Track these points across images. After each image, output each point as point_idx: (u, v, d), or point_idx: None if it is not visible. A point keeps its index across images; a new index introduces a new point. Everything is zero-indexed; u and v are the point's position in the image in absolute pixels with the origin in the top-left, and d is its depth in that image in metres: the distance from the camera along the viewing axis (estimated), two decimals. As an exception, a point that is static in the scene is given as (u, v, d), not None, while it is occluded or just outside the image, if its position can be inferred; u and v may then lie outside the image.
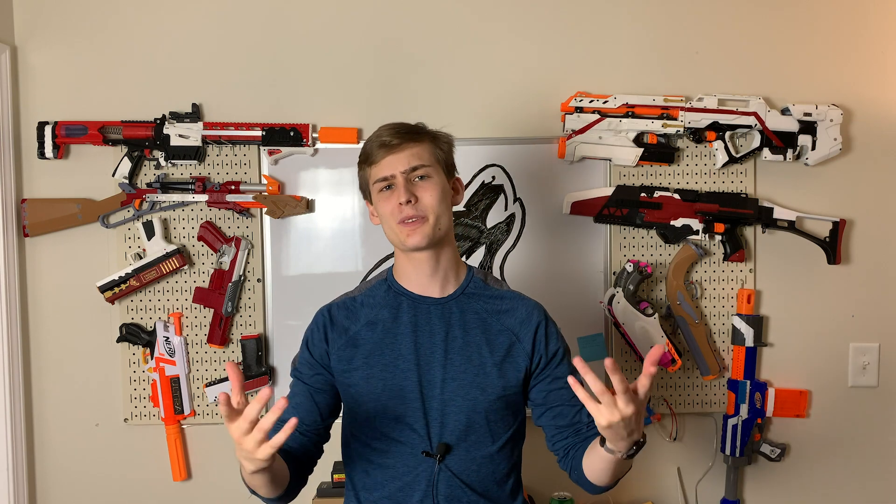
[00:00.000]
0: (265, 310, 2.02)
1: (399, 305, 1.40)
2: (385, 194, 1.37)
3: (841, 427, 2.08)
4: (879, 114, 2.05)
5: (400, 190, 1.34)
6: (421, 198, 1.34)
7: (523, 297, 1.46)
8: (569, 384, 1.25)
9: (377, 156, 1.37)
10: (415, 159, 1.36)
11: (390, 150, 1.36)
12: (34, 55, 2.01)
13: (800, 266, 2.04)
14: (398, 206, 1.34)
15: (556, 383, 1.40)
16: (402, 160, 1.35)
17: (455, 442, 1.36)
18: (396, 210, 1.34)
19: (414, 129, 1.40)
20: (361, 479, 1.40)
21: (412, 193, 1.34)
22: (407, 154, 1.36)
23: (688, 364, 2.04)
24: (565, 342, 1.45)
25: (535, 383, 1.41)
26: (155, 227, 1.98)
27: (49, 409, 2.04)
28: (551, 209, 2.03)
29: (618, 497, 2.05)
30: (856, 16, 2.04)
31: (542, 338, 1.41)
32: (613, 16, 2.03)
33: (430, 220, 1.34)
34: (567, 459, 1.40)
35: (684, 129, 1.98)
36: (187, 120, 1.97)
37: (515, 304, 1.43)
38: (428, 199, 1.35)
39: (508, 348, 1.39)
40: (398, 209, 1.34)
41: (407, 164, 1.35)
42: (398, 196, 1.34)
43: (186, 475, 2.04)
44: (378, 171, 1.37)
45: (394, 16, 2.02)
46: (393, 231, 1.37)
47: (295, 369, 1.45)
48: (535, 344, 1.40)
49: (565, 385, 1.38)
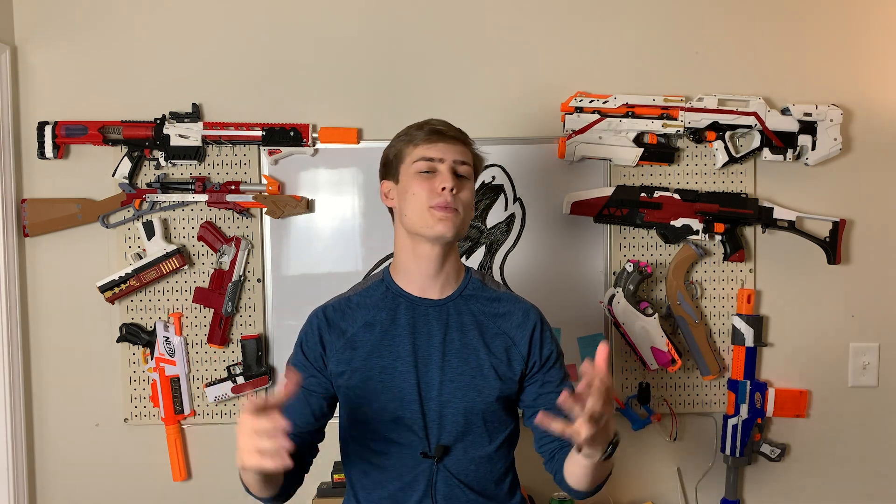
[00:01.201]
0: (265, 310, 2.02)
1: (397, 307, 1.39)
2: (425, 175, 1.36)
3: (841, 427, 2.08)
4: (879, 114, 2.05)
5: (446, 175, 1.34)
6: (460, 192, 1.36)
7: (520, 299, 1.46)
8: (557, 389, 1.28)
9: (431, 138, 1.37)
10: (464, 155, 1.39)
11: (444, 139, 1.37)
12: (34, 55, 2.01)
13: (800, 266, 2.04)
14: (440, 189, 1.33)
15: (547, 387, 1.41)
16: (454, 151, 1.37)
17: (453, 443, 1.36)
18: (435, 193, 1.34)
19: (464, 133, 1.43)
20: (360, 479, 1.40)
21: (456, 183, 1.35)
22: (459, 148, 1.39)
23: (688, 364, 2.04)
24: (559, 346, 1.45)
25: (526, 385, 1.41)
26: (155, 227, 1.98)
27: (49, 409, 2.04)
28: (551, 209, 2.03)
29: (618, 497, 2.05)
30: (856, 16, 2.04)
31: (537, 341, 1.41)
32: (613, 16, 2.03)
33: (461, 215, 1.35)
34: (552, 463, 1.40)
35: (684, 129, 1.98)
36: (187, 120, 1.97)
37: (512, 306, 1.43)
38: (466, 196, 1.37)
39: (505, 351, 1.39)
40: (438, 192, 1.33)
41: (458, 156, 1.37)
42: (443, 181, 1.34)
43: (186, 475, 2.04)
44: (427, 151, 1.37)
45: (394, 16, 2.02)
46: (421, 214, 1.35)
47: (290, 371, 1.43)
48: (530, 347, 1.40)
49: (555, 390, 1.38)
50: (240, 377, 2.00)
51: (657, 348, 1.98)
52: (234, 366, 2.01)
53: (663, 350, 1.97)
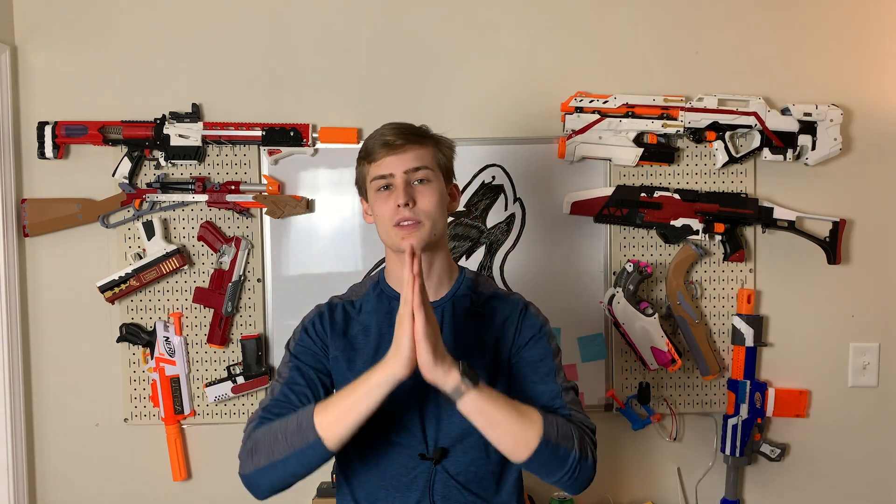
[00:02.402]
0: (265, 310, 2.02)
1: (391, 310, 1.38)
2: (383, 194, 1.35)
3: (841, 427, 2.08)
4: (879, 114, 2.05)
5: (399, 191, 1.33)
6: (419, 202, 1.33)
7: (509, 297, 1.45)
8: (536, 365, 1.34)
9: (378, 154, 1.35)
10: (417, 161, 1.35)
11: (392, 150, 1.34)
12: (34, 55, 2.01)
13: (800, 266, 2.04)
14: (396, 207, 1.32)
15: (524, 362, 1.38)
16: (404, 161, 1.34)
17: (451, 444, 1.35)
18: (394, 211, 1.32)
19: (418, 130, 1.39)
20: (358, 480, 1.40)
21: (411, 196, 1.33)
22: (409, 155, 1.34)
23: (688, 364, 2.04)
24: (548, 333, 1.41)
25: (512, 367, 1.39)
26: (155, 227, 1.98)
27: (49, 409, 2.04)
28: (551, 209, 2.03)
29: (618, 497, 2.06)
30: (855, 16, 2.04)
31: (519, 326, 1.39)
32: (613, 16, 2.03)
33: (426, 225, 1.33)
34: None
35: (684, 129, 1.98)
36: (187, 120, 1.97)
37: (503, 304, 1.42)
38: (426, 204, 1.33)
39: (496, 348, 1.38)
40: (395, 211, 1.32)
41: (409, 164, 1.34)
42: (396, 197, 1.32)
43: (186, 475, 2.04)
44: (378, 169, 1.35)
45: (394, 16, 2.02)
46: (387, 233, 1.35)
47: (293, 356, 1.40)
48: (515, 334, 1.39)
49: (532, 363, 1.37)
50: (240, 377, 2.00)
51: (657, 348, 1.98)
52: (234, 366, 2.01)
53: (663, 350, 1.97)
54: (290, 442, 1.24)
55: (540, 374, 1.37)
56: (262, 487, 1.29)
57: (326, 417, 1.23)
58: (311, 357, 1.39)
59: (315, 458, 1.24)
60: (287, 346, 1.43)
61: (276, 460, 1.25)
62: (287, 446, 1.24)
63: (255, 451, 1.27)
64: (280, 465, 1.25)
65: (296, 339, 1.42)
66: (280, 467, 1.25)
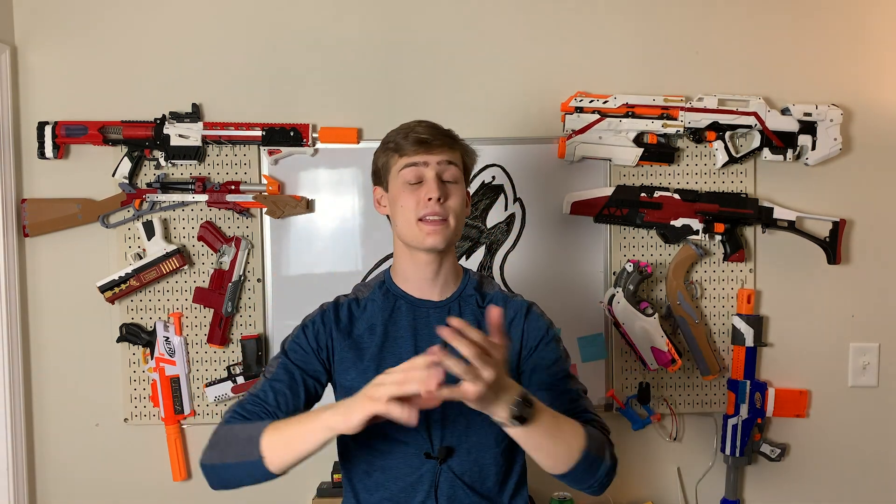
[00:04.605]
0: (265, 310, 2.02)
1: (398, 309, 1.39)
2: (412, 187, 1.34)
3: (841, 427, 2.08)
4: (879, 114, 2.05)
5: (432, 185, 1.32)
6: (448, 199, 1.34)
7: (513, 298, 1.45)
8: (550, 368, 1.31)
9: (410, 149, 1.35)
10: (450, 159, 1.36)
11: (429, 149, 1.34)
12: (34, 55, 2.01)
13: (800, 266, 2.04)
14: (426, 200, 1.32)
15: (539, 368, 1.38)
16: (440, 157, 1.35)
17: (457, 444, 1.35)
18: (422, 204, 1.32)
19: (451, 133, 1.40)
20: (362, 480, 1.40)
21: (445, 192, 1.33)
22: (443, 156, 1.36)
23: (688, 364, 2.04)
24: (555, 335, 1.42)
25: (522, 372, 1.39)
26: (155, 227, 1.98)
27: (49, 409, 2.04)
28: (551, 209, 2.03)
29: (618, 497, 2.05)
30: (855, 16, 2.05)
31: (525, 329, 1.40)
32: (613, 16, 2.03)
33: (451, 224, 1.34)
34: None
35: (684, 129, 1.98)
36: (187, 120, 1.97)
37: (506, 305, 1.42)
38: (454, 203, 1.34)
39: None
40: (424, 204, 1.32)
41: (445, 160, 1.35)
42: (429, 191, 1.32)
43: (186, 475, 2.04)
44: (412, 160, 1.35)
45: (394, 16, 2.02)
46: (410, 226, 1.34)
47: (284, 352, 1.39)
48: (521, 337, 1.39)
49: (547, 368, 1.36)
50: (240, 377, 2.00)
51: (657, 348, 1.98)
52: (234, 366, 2.01)
53: (663, 350, 1.97)
54: (237, 451, 1.23)
55: (555, 379, 1.36)
56: (212, 482, 1.29)
57: (272, 439, 1.20)
58: (300, 356, 1.38)
59: (257, 474, 1.22)
60: (283, 341, 1.43)
61: (225, 463, 1.25)
62: (235, 454, 1.24)
63: (213, 447, 1.28)
64: (229, 469, 1.25)
65: (292, 336, 1.42)
66: (229, 471, 1.25)
